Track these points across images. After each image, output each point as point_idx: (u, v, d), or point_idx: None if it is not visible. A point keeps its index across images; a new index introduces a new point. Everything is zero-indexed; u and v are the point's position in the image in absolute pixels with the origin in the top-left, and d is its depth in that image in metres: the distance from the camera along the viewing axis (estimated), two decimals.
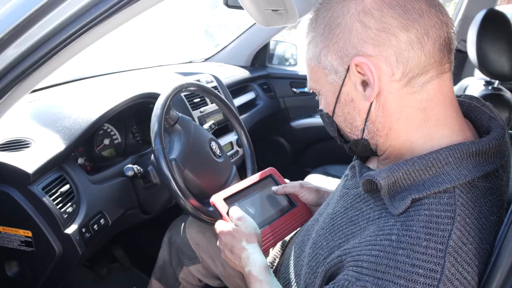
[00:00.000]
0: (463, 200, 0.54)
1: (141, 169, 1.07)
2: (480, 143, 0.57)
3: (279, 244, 1.05)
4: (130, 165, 1.03)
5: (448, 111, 0.60)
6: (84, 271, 1.61)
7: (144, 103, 1.33)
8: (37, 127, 1.05)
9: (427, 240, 0.52)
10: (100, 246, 1.19)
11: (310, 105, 2.30)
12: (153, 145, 0.99)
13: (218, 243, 0.87)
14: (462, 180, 0.55)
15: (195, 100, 1.57)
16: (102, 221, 1.06)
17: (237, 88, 2.06)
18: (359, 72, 0.59)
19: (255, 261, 0.77)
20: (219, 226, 0.86)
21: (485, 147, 0.57)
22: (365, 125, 0.62)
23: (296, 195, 0.99)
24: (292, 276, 0.83)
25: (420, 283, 0.50)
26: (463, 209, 0.54)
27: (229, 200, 0.94)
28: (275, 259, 1.02)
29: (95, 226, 1.03)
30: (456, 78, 1.96)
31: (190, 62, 2.32)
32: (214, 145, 1.20)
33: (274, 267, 0.99)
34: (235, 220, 0.85)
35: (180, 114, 1.13)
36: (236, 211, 0.87)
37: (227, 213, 0.88)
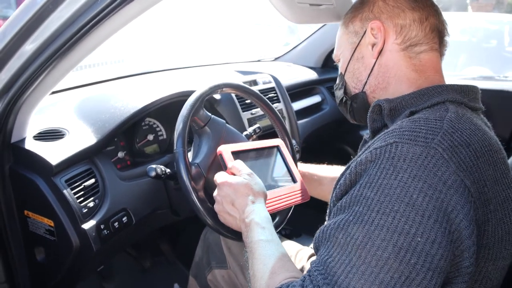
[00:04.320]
0: (453, 107, 0.67)
1: (167, 170, 1.02)
2: (461, 85, 0.72)
3: None
4: (153, 165, 0.99)
5: (436, 76, 0.76)
6: (128, 261, 1.65)
7: None
8: (75, 118, 1.07)
9: (426, 117, 0.64)
10: (126, 244, 1.19)
11: None
12: (175, 147, 0.93)
13: (215, 193, 0.85)
14: (451, 99, 0.68)
15: (246, 101, 1.49)
16: (124, 218, 1.04)
17: (302, 90, 1.93)
18: (372, 34, 0.77)
19: (259, 211, 0.78)
20: (223, 176, 0.85)
21: (465, 88, 0.72)
22: (367, 79, 0.80)
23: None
24: None
25: (422, 132, 0.60)
26: (454, 110, 0.66)
27: (236, 155, 0.93)
28: None
29: (116, 224, 1.01)
30: None
31: (258, 61, 2.25)
32: None
33: None
34: (245, 174, 0.84)
35: (212, 115, 1.06)
36: (244, 165, 0.87)
37: (233, 167, 0.88)
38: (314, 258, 1.05)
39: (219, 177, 0.86)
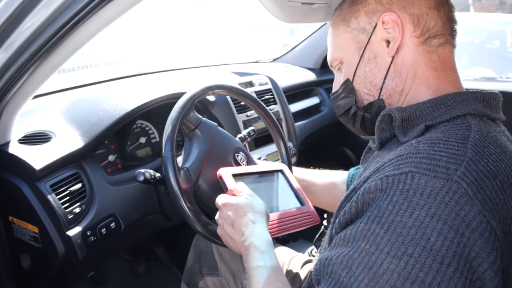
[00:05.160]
0: (476, 123, 0.58)
1: (157, 174, 0.99)
2: (482, 92, 0.62)
3: None
4: (142, 170, 0.96)
5: (453, 74, 0.66)
6: (122, 265, 1.62)
7: None
8: (62, 121, 1.04)
9: (447, 138, 0.55)
10: (116, 250, 1.15)
11: None
12: (163, 151, 0.90)
13: (217, 215, 0.80)
14: (473, 111, 0.59)
15: (242, 103, 1.45)
16: (113, 224, 1.01)
17: (300, 91, 1.90)
18: (385, 29, 0.66)
19: (259, 233, 0.73)
20: (224, 198, 0.81)
21: (489, 96, 0.63)
22: (383, 82, 0.67)
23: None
24: None
25: (443, 161, 0.51)
26: (477, 128, 0.57)
27: (237, 178, 0.88)
28: None
29: (103, 230, 0.98)
30: None
31: (256, 62, 2.22)
32: (240, 155, 1.07)
33: None
34: (245, 194, 0.80)
35: (203, 118, 1.02)
36: (245, 187, 0.83)
37: (234, 189, 0.83)
38: (308, 265, 1.02)
39: (220, 199, 0.81)
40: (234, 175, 0.88)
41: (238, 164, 1.05)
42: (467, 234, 0.47)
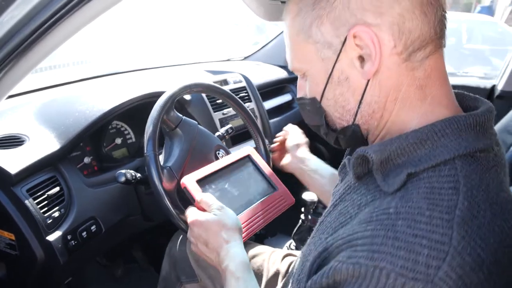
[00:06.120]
0: (466, 171, 0.48)
1: (138, 175, 0.98)
2: (476, 115, 0.51)
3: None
4: (123, 171, 0.95)
5: (443, 88, 0.54)
6: (99, 270, 1.58)
7: None
8: (35, 124, 1.01)
9: (431, 210, 0.45)
10: (97, 253, 1.13)
11: None
12: (145, 151, 0.89)
13: (188, 233, 0.77)
14: (463, 151, 0.49)
15: (218, 101, 1.46)
16: (93, 227, 0.99)
17: (273, 89, 1.92)
18: (357, 45, 0.52)
19: (234, 256, 0.69)
20: (192, 214, 0.76)
21: (482, 119, 0.51)
22: (358, 107, 0.56)
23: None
24: None
25: (423, 255, 0.42)
26: (468, 180, 0.47)
27: (203, 182, 0.86)
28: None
29: (84, 233, 0.96)
30: None
31: (228, 60, 2.22)
32: (221, 153, 1.08)
33: None
34: (215, 210, 0.75)
35: (183, 117, 1.02)
36: (214, 199, 0.78)
37: (201, 200, 0.79)
38: (287, 258, 1.04)
39: (189, 215, 0.77)
40: (200, 180, 0.86)
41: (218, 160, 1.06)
42: None
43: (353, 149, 0.68)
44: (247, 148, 1.00)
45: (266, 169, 1.01)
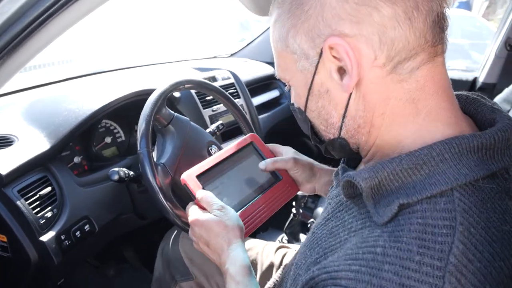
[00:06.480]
0: (464, 205, 0.43)
1: (130, 173, 0.98)
2: (482, 136, 0.45)
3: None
4: (116, 169, 0.94)
5: (441, 102, 0.48)
6: (91, 270, 1.57)
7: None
8: (24, 124, 0.99)
9: (421, 255, 0.40)
10: (91, 253, 1.12)
11: None
12: (138, 148, 0.89)
13: (190, 232, 0.76)
14: (462, 181, 0.44)
15: (207, 98, 1.46)
16: (87, 227, 0.98)
17: (260, 85, 1.93)
18: (334, 57, 0.48)
19: (235, 259, 0.68)
20: (193, 213, 0.74)
21: (489, 141, 0.45)
22: (342, 121, 0.52)
23: (286, 169, 0.88)
24: None
25: None
26: (466, 216, 0.42)
27: (204, 177, 0.83)
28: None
29: (78, 233, 0.95)
30: None
31: (214, 57, 2.22)
32: (214, 149, 1.08)
33: None
34: (216, 210, 0.73)
35: (175, 113, 1.02)
36: (214, 198, 0.75)
37: (202, 199, 0.76)
38: (280, 250, 1.05)
39: (190, 214, 0.76)
40: (200, 175, 0.83)
41: (211, 156, 1.06)
42: None
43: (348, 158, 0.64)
44: (250, 135, 0.95)
45: (270, 156, 0.95)
